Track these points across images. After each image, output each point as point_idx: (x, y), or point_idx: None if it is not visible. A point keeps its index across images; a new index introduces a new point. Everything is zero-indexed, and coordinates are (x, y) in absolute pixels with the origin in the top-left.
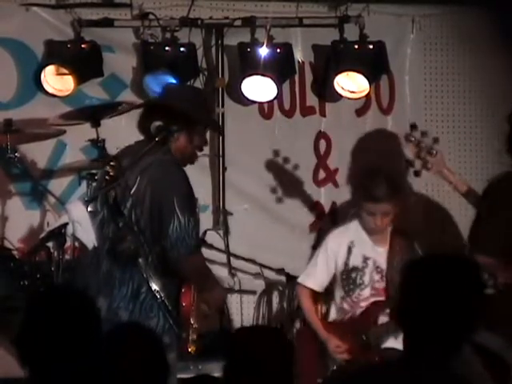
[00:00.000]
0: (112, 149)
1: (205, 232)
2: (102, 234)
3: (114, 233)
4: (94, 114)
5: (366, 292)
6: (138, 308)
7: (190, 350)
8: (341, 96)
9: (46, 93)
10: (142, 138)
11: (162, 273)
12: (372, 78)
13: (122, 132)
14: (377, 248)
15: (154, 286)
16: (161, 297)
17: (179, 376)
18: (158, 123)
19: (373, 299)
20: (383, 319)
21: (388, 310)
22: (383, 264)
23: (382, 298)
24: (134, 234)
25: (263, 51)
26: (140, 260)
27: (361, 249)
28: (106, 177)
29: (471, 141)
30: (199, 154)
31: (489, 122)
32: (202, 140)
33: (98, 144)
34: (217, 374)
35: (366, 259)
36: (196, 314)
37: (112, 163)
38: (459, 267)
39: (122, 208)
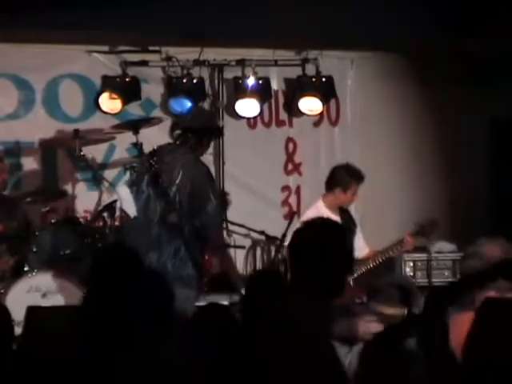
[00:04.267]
0: (148, 149)
1: None
2: (149, 208)
3: (163, 209)
4: (134, 126)
5: None
6: (178, 261)
7: (205, 290)
8: (303, 113)
9: (102, 111)
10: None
11: (194, 237)
12: (324, 101)
13: (154, 138)
14: (335, 217)
15: (189, 246)
16: (193, 253)
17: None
18: (178, 132)
19: None
20: None
21: None
22: None
23: None
24: (177, 211)
25: (250, 82)
26: (178, 228)
27: None
28: (151, 166)
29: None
30: (207, 153)
31: (406, 139)
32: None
33: (137, 146)
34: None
35: None
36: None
37: (155, 158)
38: (328, 229)
39: (168, 191)
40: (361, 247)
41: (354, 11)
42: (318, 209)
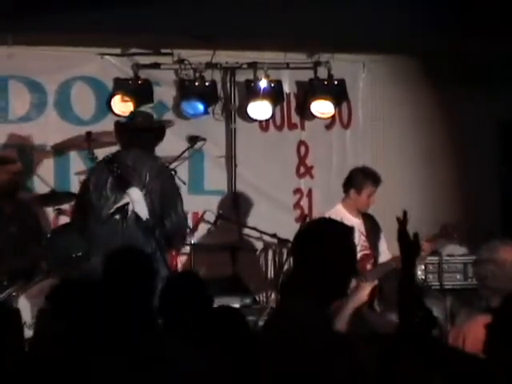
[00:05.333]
0: (160, 152)
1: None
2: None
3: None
4: None
5: (358, 248)
6: (156, 261)
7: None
8: (315, 116)
9: (115, 114)
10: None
11: (164, 237)
12: (336, 104)
13: (166, 140)
14: (355, 219)
15: (161, 247)
16: (164, 254)
17: None
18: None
19: (362, 253)
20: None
21: (372, 260)
22: (363, 229)
23: (368, 252)
24: (150, 212)
25: (262, 85)
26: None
27: (347, 222)
28: (113, 172)
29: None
30: (219, 156)
31: (418, 141)
32: None
33: None
34: (235, 305)
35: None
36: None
37: (115, 164)
38: (334, 231)
39: None
40: (384, 251)
41: (366, 14)
42: (337, 212)
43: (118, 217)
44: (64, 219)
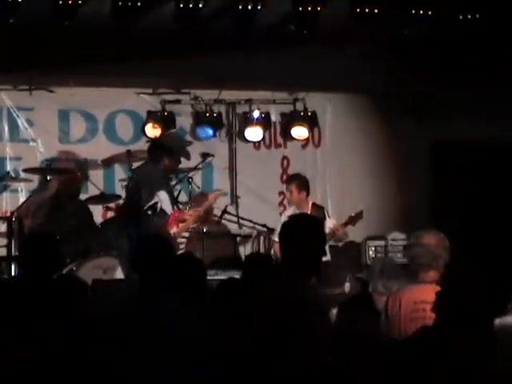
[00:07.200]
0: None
1: (226, 206)
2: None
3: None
4: None
5: None
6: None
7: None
8: (294, 138)
9: (147, 137)
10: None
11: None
12: (310, 130)
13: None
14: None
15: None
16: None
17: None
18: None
19: None
20: None
21: None
22: None
23: None
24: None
25: (255, 115)
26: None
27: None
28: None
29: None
30: (224, 167)
31: (368, 158)
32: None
33: None
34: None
35: None
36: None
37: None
38: (307, 222)
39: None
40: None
41: (334, 64)
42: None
43: (149, 212)
44: (110, 214)
